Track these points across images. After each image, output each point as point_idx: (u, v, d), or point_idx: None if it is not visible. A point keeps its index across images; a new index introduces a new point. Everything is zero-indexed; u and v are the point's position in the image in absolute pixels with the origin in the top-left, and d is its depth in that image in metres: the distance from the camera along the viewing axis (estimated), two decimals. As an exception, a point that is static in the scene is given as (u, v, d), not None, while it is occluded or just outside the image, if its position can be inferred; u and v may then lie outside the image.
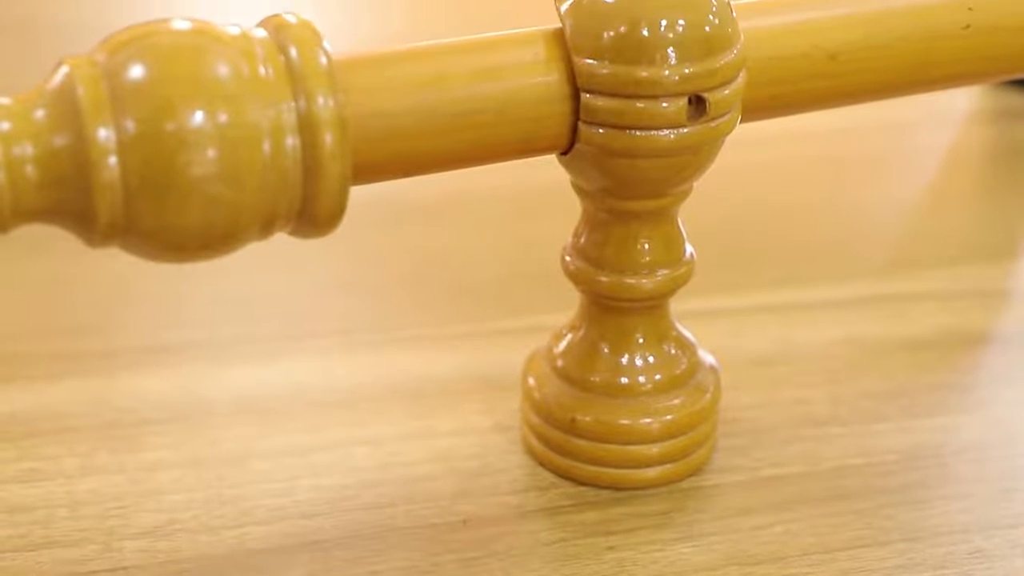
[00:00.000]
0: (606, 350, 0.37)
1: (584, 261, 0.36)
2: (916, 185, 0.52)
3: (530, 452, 0.38)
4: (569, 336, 0.37)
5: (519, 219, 0.48)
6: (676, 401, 0.37)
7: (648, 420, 0.36)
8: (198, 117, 0.29)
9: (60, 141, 0.29)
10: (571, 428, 0.36)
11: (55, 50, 0.32)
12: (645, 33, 0.32)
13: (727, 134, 0.34)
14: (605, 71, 0.32)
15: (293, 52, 0.30)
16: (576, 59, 0.33)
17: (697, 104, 0.33)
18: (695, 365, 0.37)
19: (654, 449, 0.36)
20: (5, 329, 0.43)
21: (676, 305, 0.37)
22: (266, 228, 0.31)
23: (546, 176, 0.38)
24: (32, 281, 0.45)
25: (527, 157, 0.34)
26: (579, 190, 0.35)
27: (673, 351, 0.37)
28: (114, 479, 0.37)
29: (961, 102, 0.56)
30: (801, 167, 0.52)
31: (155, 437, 0.38)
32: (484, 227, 0.48)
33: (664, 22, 0.32)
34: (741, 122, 0.34)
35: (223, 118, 0.29)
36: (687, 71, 0.32)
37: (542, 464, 0.37)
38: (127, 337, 0.42)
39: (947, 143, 0.55)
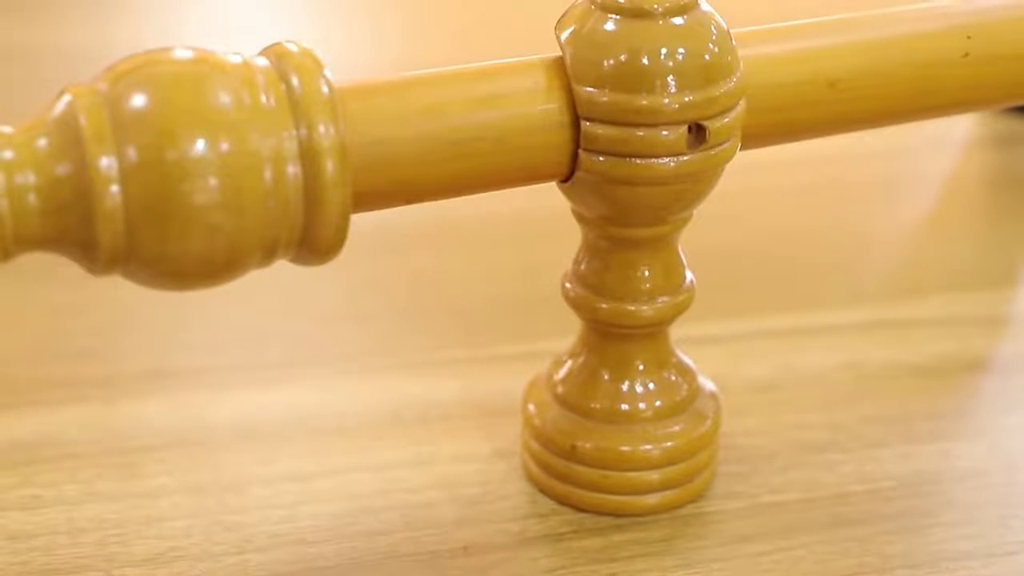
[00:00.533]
0: (606, 377, 0.37)
1: (584, 288, 0.36)
2: (916, 211, 0.52)
3: (530, 479, 0.38)
4: (569, 363, 0.37)
5: (519, 245, 0.49)
6: (676, 428, 0.37)
7: (648, 447, 0.36)
8: (200, 145, 0.29)
9: (62, 169, 0.29)
10: (571, 455, 0.36)
11: (57, 77, 0.32)
12: (645, 61, 0.32)
13: (727, 162, 0.34)
14: (605, 99, 0.33)
15: (294, 81, 0.31)
16: (576, 87, 0.33)
17: (697, 132, 0.33)
18: (695, 391, 0.37)
19: (654, 476, 0.36)
20: (7, 355, 0.43)
21: (676, 331, 0.37)
22: (267, 256, 0.31)
23: (546, 202, 0.38)
24: (34, 308, 0.45)
25: (527, 185, 0.34)
26: (579, 217, 0.35)
27: (673, 378, 0.37)
28: (115, 506, 0.37)
29: (961, 128, 0.56)
30: (801, 193, 0.52)
31: (156, 463, 0.38)
32: (484, 253, 0.48)
33: (664, 51, 0.32)
34: (741, 149, 0.35)
35: (225, 146, 0.29)
36: (687, 99, 0.33)
37: (543, 491, 0.37)
38: (128, 363, 0.43)
39: (947, 169, 0.55)
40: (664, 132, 0.33)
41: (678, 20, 0.33)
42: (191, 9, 0.67)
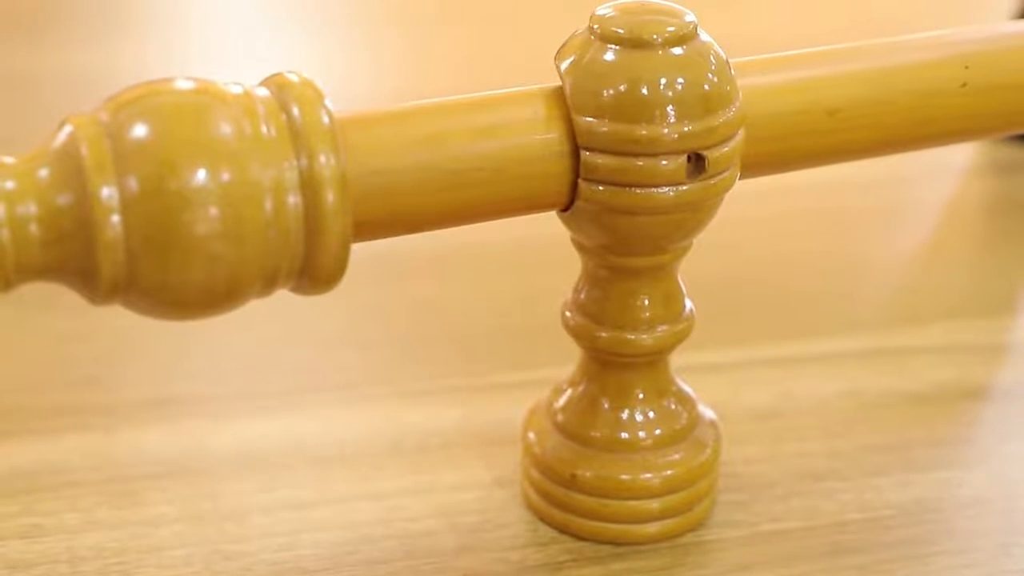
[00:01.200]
0: (606, 405, 0.37)
1: (584, 317, 0.36)
2: (915, 238, 0.52)
3: (530, 507, 0.38)
4: (569, 391, 0.37)
5: (519, 273, 0.49)
6: (676, 456, 0.37)
7: (648, 475, 0.36)
8: (200, 175, 0.29)
9: (64, 200, 0.29)
10: (571, 483, 0.36)
11: (59, 103, 0.33)
12: (644, 92, 0.33)
13: (726, 191, 0.34)
14: (605, 129, 0.33)
15: (295, 111, 0.31)
16: (576, 117, 0.33)
17: (696, 162, 0.33)
18: (695, 420, 0.37)
19: (654, 504, 0.36)
20: (9, 383, 0.43)
21: (676, 359, 0.37)
22: (268, 285, 0.31)
23: (546, 230, 0.38)
24: (36, 336, 0.45)
25: (527, 214, 0.34)
26: (579, 246, 0.35)
27: (673, 406, 0.37)
28: (115, 534, 0.37)
29: (960, 156, 0.56)
30: (800, 220, 0.52)
31: (156, 492, 0.38)
32: (484, 281, 0.48)
33: (663, 81, 0.33)
34: (741, 178, 0.35)
35: (225, 176, 0.29)
36: (686, 129, 0.33)
37: (542, 519, 0.37)
38: (130, 391, 0.43)
39: (946, 196, 0.55)
40: (663, 162, 0.33)
41: (677, 50, 0.33)
42: (193, 36, 0.68)
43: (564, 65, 0.34)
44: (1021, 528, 0.38)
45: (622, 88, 0.33)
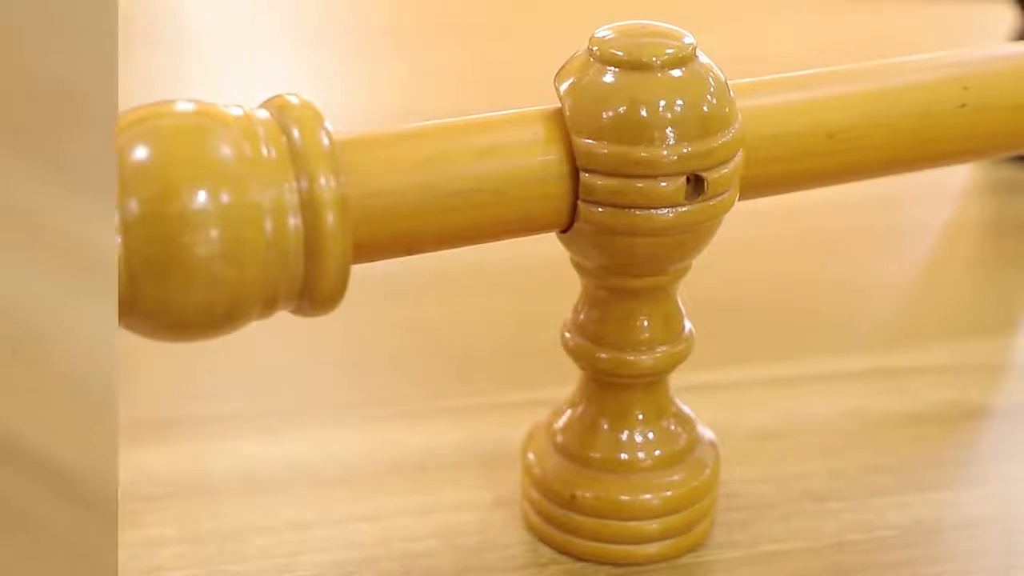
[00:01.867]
0: (606, 426, 0.37)
1: (584, 338, 0.36)
2: (915, 259, 0.52)
3: (530, 528, 0.38)
4: (568, 412, 0.37)
5: (519, 294, 0.49)
6: (676, 477, 0.37)
7: (648, 496, 0.36)
8: (201, 198, 0.29)
9: (64, 222, 0.29)
10: (571, 504, 0.36)
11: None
12: (644, 113, 0.33)
13: (725, 212, 0.34)
14: (604, 151, 0.33)
15: (295, 133, 0.31)
16: (575, 139, 0.33)
17: (695, 183, 0.33)
18: (694, 440, 0.37)
19: (654, 525, 0.36)
20: (7, 404, 0.43)
21: (675, 379, 0.37)
22: (268, 307, 0.31)
23: (546, 251, 0.38)
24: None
25: (527, 235, 0.34)
26: (579, 267, 0.35)
27: (673, 427, 0.37)
28: (115, 555, 0.37)
29: (959, 176, 0.56)
30: (800, 240, 0.52)
31: (156, 513, 0.38)
32: (483, 301, 0.48)
33: (663, 102, 0.33)
34: (740, 199, 0.35)
35: (225, 198, 0.30)
36: (685, 151, 0.33)
37: (542, 540, 0.37)
38: (129, 412, 0.42)
39: (946, 217, 0.55)
40: (663, 183, 0.33)
41: (676, 72, 0.33)
42: (193, 58, 0.68)
43: (563, 87, 0.34)
44: (1022, 549, 0.38)
45: (621, 110, 0.33)
